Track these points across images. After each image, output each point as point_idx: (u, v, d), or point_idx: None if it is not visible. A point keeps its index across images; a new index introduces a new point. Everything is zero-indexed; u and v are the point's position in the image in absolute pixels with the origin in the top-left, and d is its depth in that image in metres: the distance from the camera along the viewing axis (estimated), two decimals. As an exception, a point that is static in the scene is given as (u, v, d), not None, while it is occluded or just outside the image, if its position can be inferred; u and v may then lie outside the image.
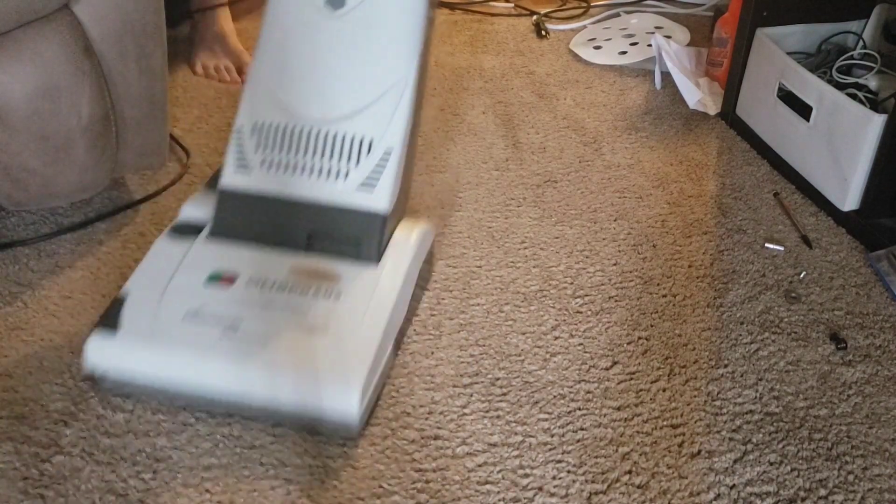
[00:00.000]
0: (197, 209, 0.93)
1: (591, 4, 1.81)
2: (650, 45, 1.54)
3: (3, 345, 0.92)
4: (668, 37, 1.57)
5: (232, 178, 0.90)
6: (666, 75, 1.48)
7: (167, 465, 0.78)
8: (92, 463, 0.79)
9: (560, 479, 0.78)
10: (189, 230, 0.91)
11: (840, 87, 1.16)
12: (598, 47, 1.60)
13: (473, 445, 0.81)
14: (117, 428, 0.82)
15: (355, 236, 0.88)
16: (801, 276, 1.05)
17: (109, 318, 0.82)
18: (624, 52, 1.57)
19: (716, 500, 0.77)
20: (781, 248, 1.10)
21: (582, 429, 0.84)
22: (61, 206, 1.13)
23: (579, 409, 0.86)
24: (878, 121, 1.06)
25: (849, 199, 1.12)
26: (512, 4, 1.83)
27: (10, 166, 0.94)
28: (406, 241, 0.91)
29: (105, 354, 0.81)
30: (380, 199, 0.88)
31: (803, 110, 1.18)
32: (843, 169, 1.12)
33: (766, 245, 1.10)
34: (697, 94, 1.41)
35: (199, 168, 1.23)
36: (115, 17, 0.94)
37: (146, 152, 1.08)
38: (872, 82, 1.19)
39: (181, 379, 0.80)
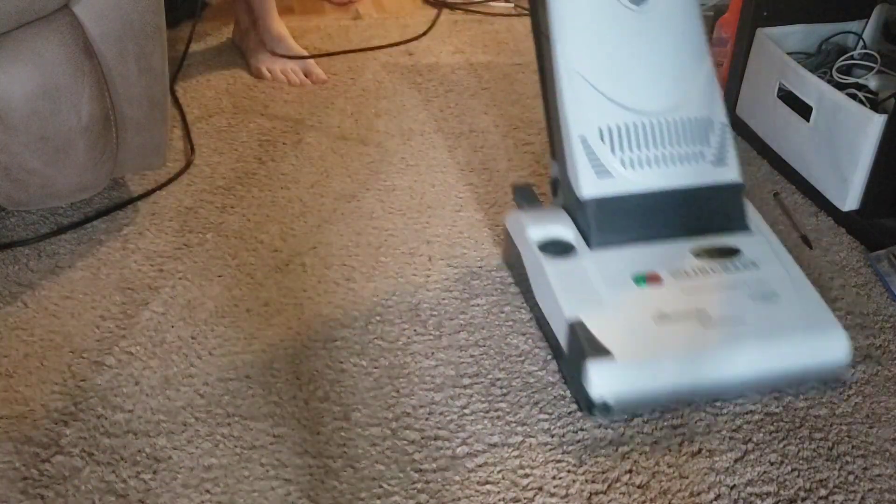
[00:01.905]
0: (542, 229, 0.94)
1: (591, 4, 1.80)
2: (650, 46, 1.52)
3: (3, 345, 0.92)
4: (669, 37, 1.56)
5: (596, 187, 0.92)
6: (666, 75, 1.47)
7: (167, 465, 0.78)
8: (92, 463, 0.79)
9: (560, 479, 0.78)
10: (559, 248, 0.92)
11: (840, 87, 1.16)
12: (598, 48, 1.57)
13: (474, 446, 0.81)
14: (117, 428, 0.82)
15: (724, 209, 0.94)
16: (802, 276, 1.04)
17: (594, 346, 0.81)
18: (624, 53, 1.55)
19: (716, 500, 0.77)
20: (783, 250, 1.06)
21: (582, 429, 0.83)
22: (61, 206, 1.13)
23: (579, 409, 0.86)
24: (878, 121, 1.06)
25: (849, 199, 1.12)
26: (512, 4, 1.82)
27: (10, 166, 0.94)
28: (749, 207, 0.97)
29: (613, 382, 0.81)
30: (733, 171, 0.95)
31: (803, 110, 1.18)
32: (843, 169, 1.12)
33: (767, 246, 1.08)
34: (698, 95, 1.40)
35: (198, 169, 1.23)
36: (115, 17, 0.94)
37: (146, 152, 1.08)
38: (872, 82, 1.19)
39: (693, 379, 0.83)
